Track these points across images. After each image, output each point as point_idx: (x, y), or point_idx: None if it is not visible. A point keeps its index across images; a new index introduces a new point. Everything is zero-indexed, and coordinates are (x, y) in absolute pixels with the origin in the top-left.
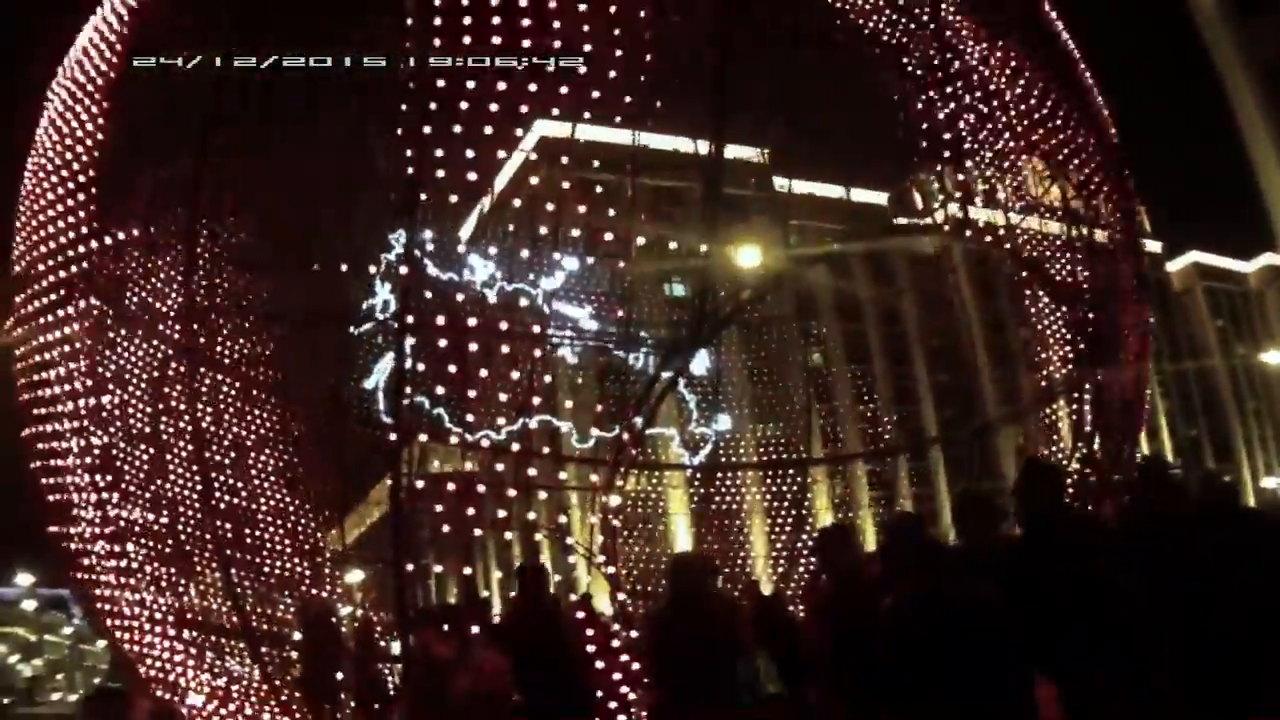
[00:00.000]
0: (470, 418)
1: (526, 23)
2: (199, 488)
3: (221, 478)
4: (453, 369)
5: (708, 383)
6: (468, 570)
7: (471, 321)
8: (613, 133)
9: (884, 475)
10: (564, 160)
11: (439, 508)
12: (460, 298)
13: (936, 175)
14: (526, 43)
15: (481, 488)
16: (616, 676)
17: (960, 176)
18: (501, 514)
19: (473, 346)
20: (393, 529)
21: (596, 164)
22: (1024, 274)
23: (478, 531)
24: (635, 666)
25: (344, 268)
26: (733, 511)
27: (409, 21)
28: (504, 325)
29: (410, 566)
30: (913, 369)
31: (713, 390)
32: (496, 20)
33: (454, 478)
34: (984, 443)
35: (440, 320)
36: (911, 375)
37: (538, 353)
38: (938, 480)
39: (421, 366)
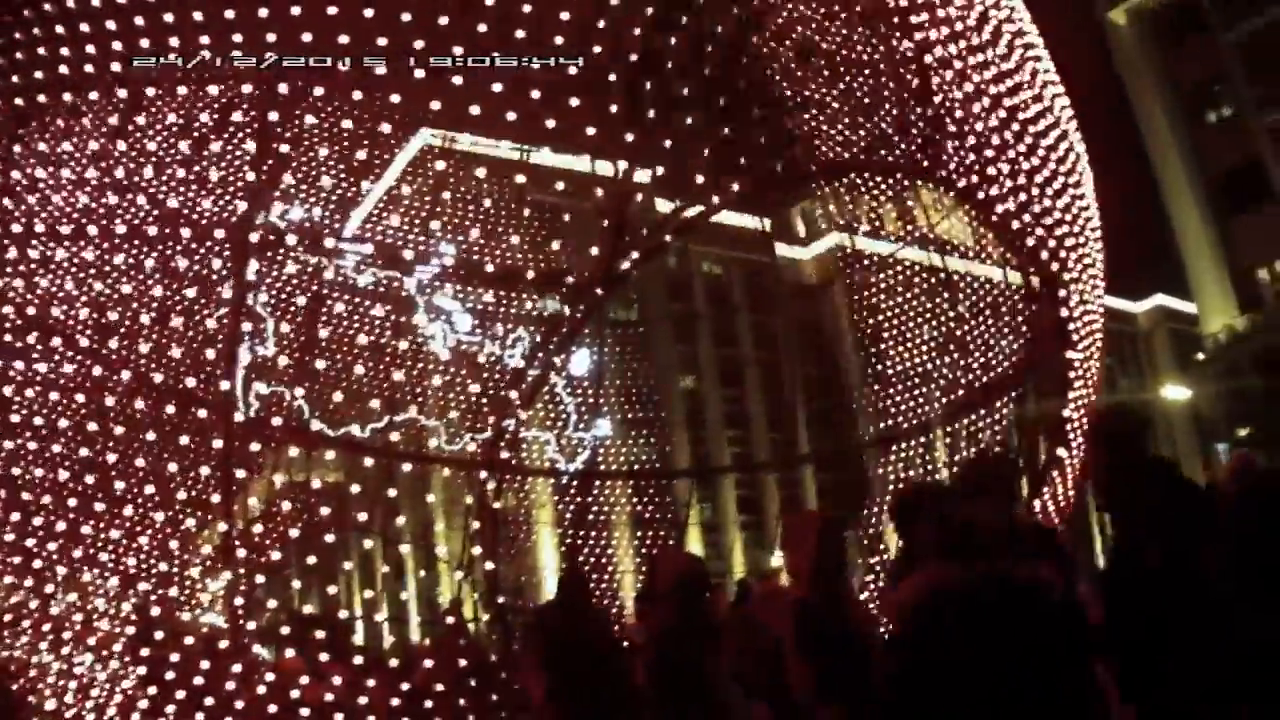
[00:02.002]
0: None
1: None
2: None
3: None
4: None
5: (588, 384)
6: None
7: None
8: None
9: (751, 497)
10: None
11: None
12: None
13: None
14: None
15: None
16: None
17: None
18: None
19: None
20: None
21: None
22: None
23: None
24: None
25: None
26: (605, 523)
27: None
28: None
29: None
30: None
31: (593, 393)
32: None
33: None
34: (858, 466)
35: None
36: (784, 401)
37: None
38: (808, 504)
39: (280, 354)
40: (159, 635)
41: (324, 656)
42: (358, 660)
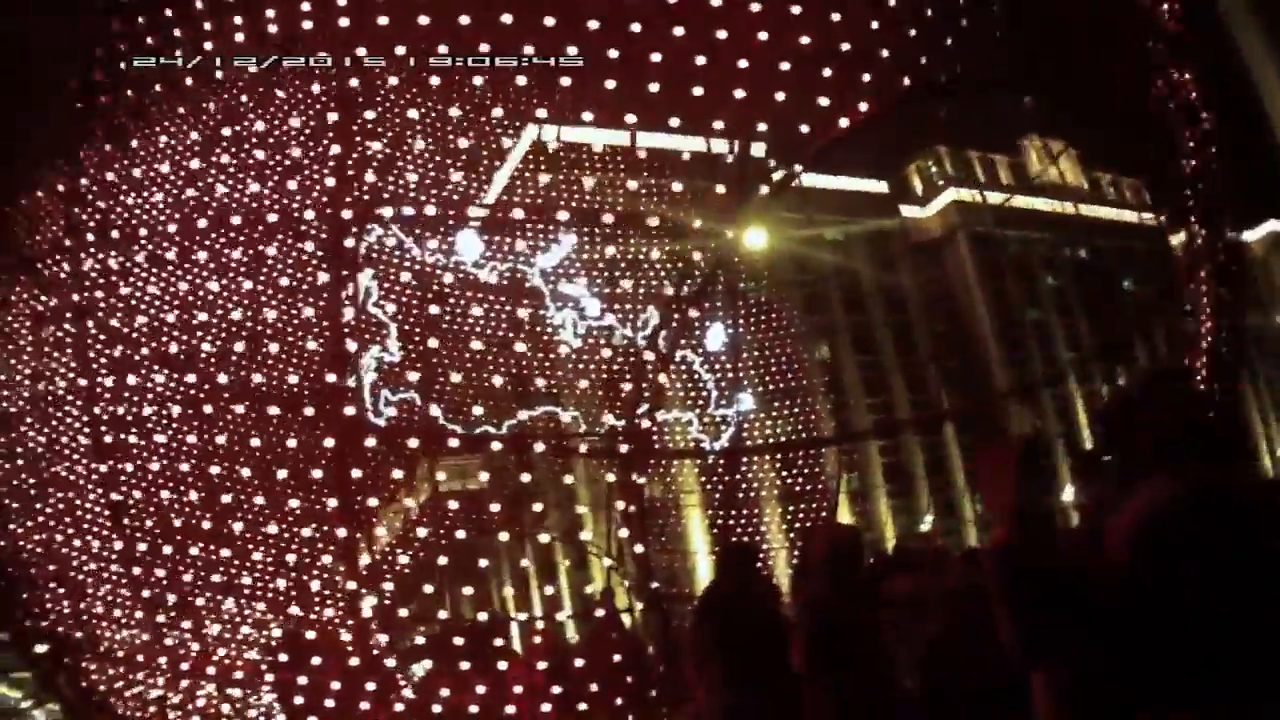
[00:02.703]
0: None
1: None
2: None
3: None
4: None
5: (726, 360)
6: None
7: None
8: (611, 134)
9: (895, 463)
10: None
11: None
12: (449, 278)
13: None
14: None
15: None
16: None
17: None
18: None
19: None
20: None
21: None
22: None
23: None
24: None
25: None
26: (754, 500)
27: None
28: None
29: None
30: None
31: (731, 368)
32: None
33: None
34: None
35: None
36: (919, 362)
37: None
38: (952, 466)
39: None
40: (284, 657)
41: (464, 664)
42: (501, 665)
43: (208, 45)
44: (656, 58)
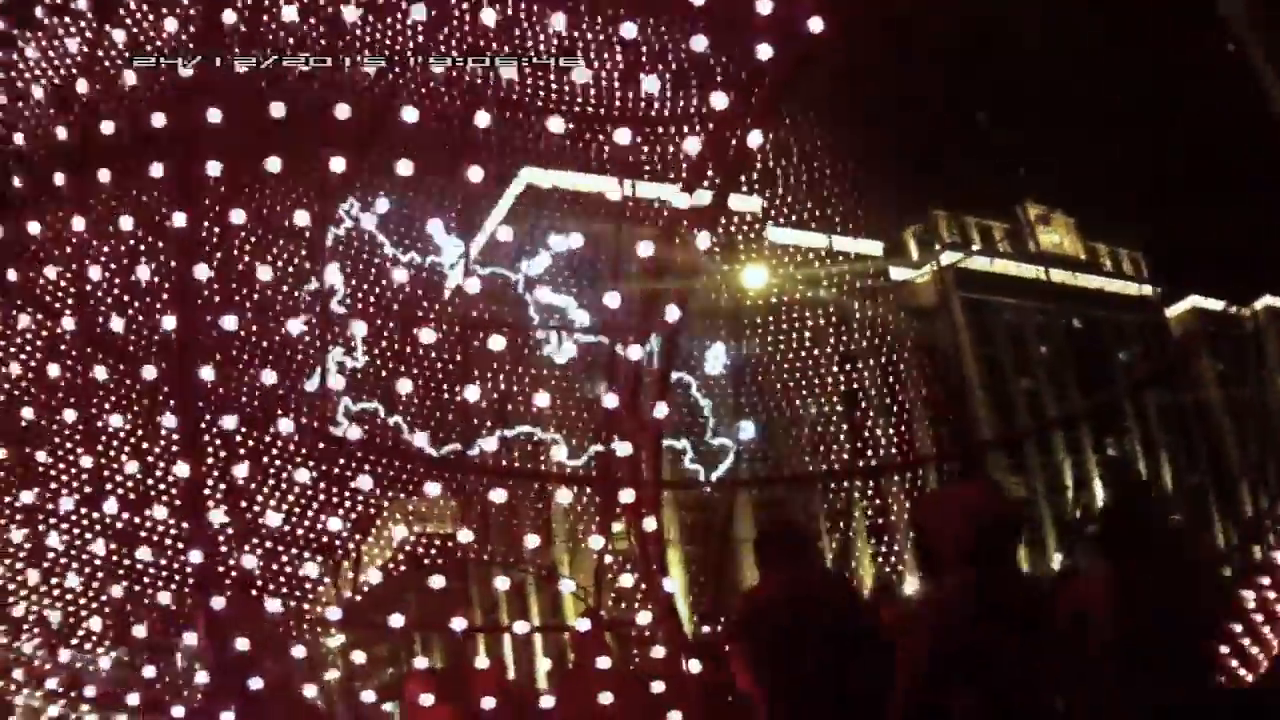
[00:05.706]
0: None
1: None
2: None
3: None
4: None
5: (728, 384)
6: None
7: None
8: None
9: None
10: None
11: None
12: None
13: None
14: None
15: None
16: None
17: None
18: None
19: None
20: None
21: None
22: None
23: None
24: None
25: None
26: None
27: None
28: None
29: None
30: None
31: (734, 393)
32: None
33: None
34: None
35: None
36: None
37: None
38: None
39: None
40: None
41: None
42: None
43: None
44: None
